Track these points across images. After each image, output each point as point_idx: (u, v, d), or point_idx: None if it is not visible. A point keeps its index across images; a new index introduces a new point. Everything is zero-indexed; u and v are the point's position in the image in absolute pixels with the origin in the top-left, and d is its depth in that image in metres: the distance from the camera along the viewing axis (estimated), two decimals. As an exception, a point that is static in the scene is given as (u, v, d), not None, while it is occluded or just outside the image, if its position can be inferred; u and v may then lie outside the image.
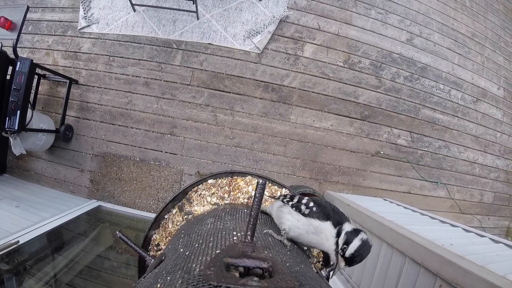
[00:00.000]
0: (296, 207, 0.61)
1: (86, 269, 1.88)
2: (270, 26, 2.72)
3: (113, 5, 2.80)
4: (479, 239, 1.66)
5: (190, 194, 0.73)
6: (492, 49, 3.47)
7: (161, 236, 0.70)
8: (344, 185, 2.79)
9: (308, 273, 0.47)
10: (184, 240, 0.53)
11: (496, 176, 3.37)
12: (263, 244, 0.51)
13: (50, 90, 2.80)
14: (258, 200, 0.38)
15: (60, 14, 2.90)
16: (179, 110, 2.68)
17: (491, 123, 3.33)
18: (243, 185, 0.74)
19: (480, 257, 1.24)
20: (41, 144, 2.49)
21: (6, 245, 1.60)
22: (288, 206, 0.63)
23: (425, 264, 1.30)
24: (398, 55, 2.97)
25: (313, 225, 0.58)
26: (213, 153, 2.67)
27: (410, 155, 2.94)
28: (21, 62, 2.06)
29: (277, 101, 2.73)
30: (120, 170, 2.65)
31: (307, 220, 0.59)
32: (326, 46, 2.82)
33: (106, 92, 2.73)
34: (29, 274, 1.66)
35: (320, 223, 0.58)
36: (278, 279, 0.29)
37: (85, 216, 2.36)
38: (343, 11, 2.89)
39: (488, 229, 3.27)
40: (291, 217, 0.61)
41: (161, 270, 0.43)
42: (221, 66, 2.70)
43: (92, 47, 2.78)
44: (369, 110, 2.85)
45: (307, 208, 0.60)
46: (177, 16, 2.73)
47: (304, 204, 0.61)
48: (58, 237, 2.07)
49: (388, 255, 1.59)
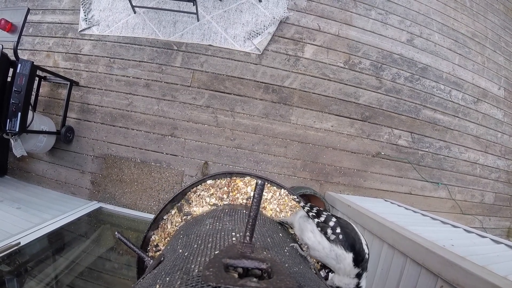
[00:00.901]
0: (322, 228, 0.60)
1: (87, 271, 1.88)
2: (270, 27, 2.73)
3: (114, 7, 2.82)
4: (480, 239, 1.66)
5: (189, 195, 0.73)
6: (493, 49, 3.46)
7: (160, 236, 0.70)
8: (345, 186, 2.79)
9: (307, 274, 0.47)
10: (183, 241, 0.53)
11: (497, 176, 3.36)
12: (262, 245, 0.50)
13: (51, 92, 2.81)
14: (257, 200, 0.38)
15: (60, 16, 2.91)
16: (179, 112, 2.68)
17: (492, 123, 3.33)
18: (242, 185, 0.74)
19: (481, 258, 1.23)
20: (42, 145, 2.49)
21: (7, 247, 1.60)
22: (313, 223, 0.62)
23: (426, 265, 1.30)
24: (399, 56, 2.96)
25: (336, 252, 0.58)
26: (214, 154, 2.67)
27: (411, 156, 2.94)
28: (22, 64, 2.07)
29: (278, 102, 2.73)
30: (121, 171, 2.65)
31: (330, 246, 0.58)
32: (327, 47, 2.82)
33: (107, 93, 2.74)
34: (30, 275, 1.66)
35: (343, 252, 0.57)
36: (277, 280, 0.29)
37: (86, 218, 2.36)
38: (343, 12, 2.89)
39: (489, 230, 3.26)
40: (313, 237, 0.60)
41: (160, 271, 0.43)
42: (221, 67, 2.70)
43: (93, 49, 2.79)
44: (369, 111, 2.85)
45: (333, 233, 0.59)
46: (177, 18, 2.74)
47: (331, 227, 0.60)
48: (59, 239, 2.07)
49: (389, 256, 1.59)
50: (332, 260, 0.59)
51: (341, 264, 0.58)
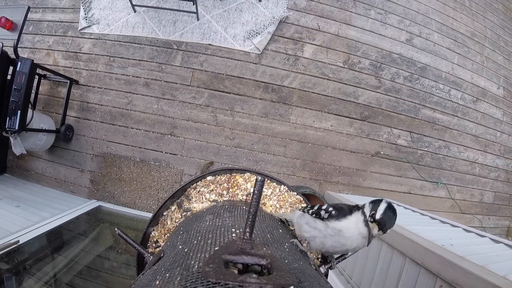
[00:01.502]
0: (316, 214, 0.61)
1: (86, 269, 1.88)
2: (270, 27, 2.73)
3: (114, 6, 2.81)
4: (479, 239, 1.66)
5: (189, 191, 0.73)
6: (492, 49, 3.47)
7: (160, 233, 0.70)
8: (344, 186, 2.79)
9: (307, 270, 0.47)
10: (182, 237, 0.53)
11: (496, 175, 3.37)
12: (261, 241, 0.51)
13: (51, 90, 2.80)
14: (257, 197, 0.38)
15: (60, 14, 2.90)
16: (179, 111, 2.68)
17: (491, 122, 3.33)
18: (242, 182, 0.74)
19: (480, 257, 1.23)
20: (41, 144, 2.49)
21: (6, 245, 1.60)
22: (307, 215, 0.63)
23: (425, 265, 1.30)
24: (398, 55, 2.97)
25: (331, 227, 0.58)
26: (213, 153, 2.67)
27: (410, 155, 2.94)
28: (21, 62, 2.07)
29: (277, 101, 2.73)
30: (120, 170, 2.65)
31: (324, 224, 0.59)
32: (326, 47, 2.82)
33: (107, 92, 2.73)
34: (29, 273, 1.66)
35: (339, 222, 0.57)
36: (277, 276, 0.29)
37: (85, 216, 2.35)
38: (343, 12, 2.89)
39: (488, 229, 3.27)
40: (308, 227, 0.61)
41: (159, 267, 0.43)
42: (221, 66, 2.70)
43: (93, 47, 2.79)
44: (369, 111, 2.85)
45: (326, 212, 0.60)
46: (177, 17, 2.74)
47: (324, 209, 0.61)
48: (58, 237, 2.07)
49: (389, 255, 1.59)
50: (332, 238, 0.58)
51: (342, 232, 0.57)
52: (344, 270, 2.02)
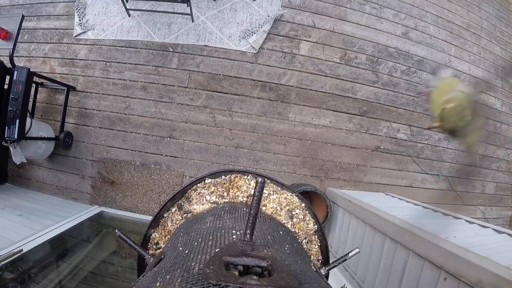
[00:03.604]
0: None
1: (91, 275, 1.88)
2: (265, 26, 2.72)
3: (108, 11, 2.81)
4: (482, 230, 1.66)
5: (189, 192, 0.73)
6: (488, 39, 3.46)
7: (160, 234, 0.70)
8: (345, 182, 2.79)
9: (308, 272, 0.46)
10: (183, 239, 0.53)
11: (497, 166, 3.37)
12: (262, 242, 0.50)
13: (48, 98, 2.80)
14: (257, 198, 0.38)
15: (55, 21, 2.90)
16: (177, 113, 2.68)
17: (490, 113, 3.33)
18: (243, 183, 0.74)
19: (483, 248, 1.23)
20: (41, 152, 2.49)
21: (10, 254, 1.60)
22: None
23: (429, 258, 1.30)
24: (394, 49, 2.96)
25: None
26: (213, 154, 2.67)
27: (410, 149, 2.94)
28: (18, 71, 2.07)
29: (275, 100, 2.73)
30: (121, 175, 2.65)
31: None
32: (322, 43, 2.82)
33: (104, 97, 2.73)
34: (33, 282, 1.66)
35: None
36: (278, 278, 0.29)
37: (88, 222, 2.36)
38: (337, 7, 2.88)
39: (491, 220, 3.27)
40: None
41: (160, 269, 0.43)
42: (217, 67, 2.70)
43: (89, 53, 2.79)
44: (367, 106, 2.85)
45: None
46: (172, 20, 2.74)
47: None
48: (62, 244, 2.07)
49: (392, 250, 1.59)
50: None
51: None
52: (349, 266, 2.02)
